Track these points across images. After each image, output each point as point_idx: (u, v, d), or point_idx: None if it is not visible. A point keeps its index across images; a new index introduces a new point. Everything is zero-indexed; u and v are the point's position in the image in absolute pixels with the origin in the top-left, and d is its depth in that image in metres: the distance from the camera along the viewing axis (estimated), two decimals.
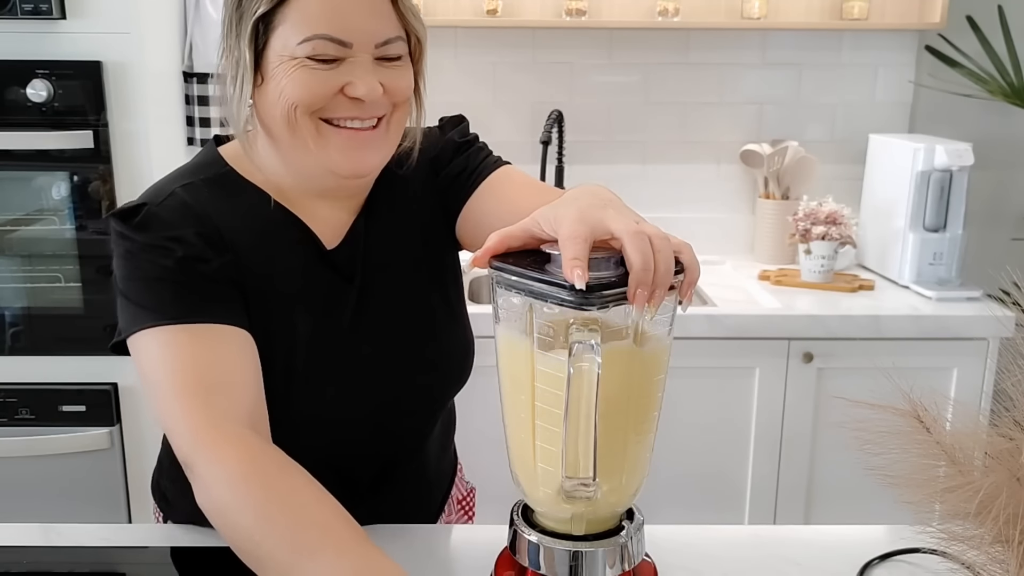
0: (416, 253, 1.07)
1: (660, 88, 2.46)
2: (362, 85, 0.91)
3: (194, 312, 0.90)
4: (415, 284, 1.06)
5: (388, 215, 1.05)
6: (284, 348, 0.97)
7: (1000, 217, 2.54)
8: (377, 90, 0.92)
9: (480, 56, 2.42)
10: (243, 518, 0.80)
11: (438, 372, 1.08)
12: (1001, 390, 0.77)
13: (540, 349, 0.75)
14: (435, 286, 1.09)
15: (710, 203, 2.51)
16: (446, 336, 1.08)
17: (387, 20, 0.93)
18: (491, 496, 1.44)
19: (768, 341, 2.00)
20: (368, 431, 1.04)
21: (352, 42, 0.91)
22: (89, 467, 1.91)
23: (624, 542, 0.79)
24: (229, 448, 0.83)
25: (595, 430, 0.72)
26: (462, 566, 0.95)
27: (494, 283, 0.77)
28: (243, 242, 0.96)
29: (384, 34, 0.92)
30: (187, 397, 0.86)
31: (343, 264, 1.01)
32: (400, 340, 1.04)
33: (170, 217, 0.93)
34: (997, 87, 2.34)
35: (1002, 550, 0.75)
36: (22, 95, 1.76)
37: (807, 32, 2.42)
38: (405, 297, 1.05)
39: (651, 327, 0.75)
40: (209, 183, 0.98)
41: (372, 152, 0.96)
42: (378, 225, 1.04)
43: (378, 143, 0.96)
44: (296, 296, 0.99)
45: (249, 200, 0.99)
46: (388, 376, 1.03)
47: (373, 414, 1.03)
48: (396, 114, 0.97)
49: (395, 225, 1.05)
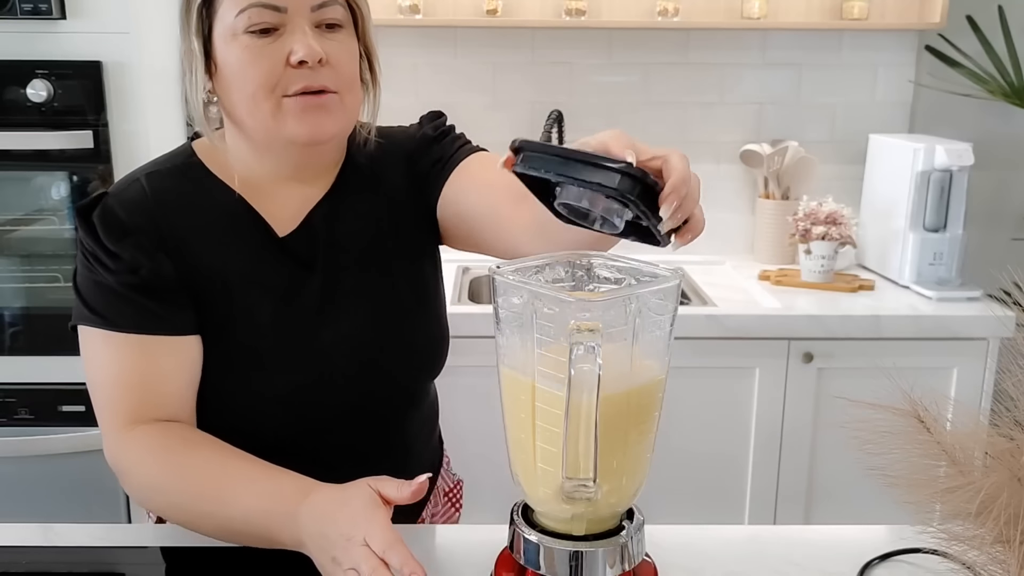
0: (386, 242, 1.07)
1: (660, 88, 2.46)
2: (302, 47, 0.92)
3: (131, 324, 0.96)
4: (382, 272, 1.07)
5: (356, 204, 1.06)
6: (246, 334, 1.00)
7: (1000, 217, 2.54)
8: (317, 52, 0.93)
9: (480, 56, 2.42)
10: (161, 494, 0.94)
11: (403, 360, 1.07)
12: (1001, 390, 0.77)
13: (541, 350, 0.75)
14: (405, 275, 1.09)
15: (710, 203, 2.47)
16: (412, 325, 1.08)
17: None
18: (480, 488, 1.45)
19: (768, 341, 2.00)
20: (338, 418, 1.05)
21: (286, 6, 0.93)
22: (89, 467, 1.90)
23: (624, 542, 0.79)
24: (141, 435, 0.94)
25: (595, 431, 0.72)
26: (462, 566, 0.95)
27: (494, 284, 0.77)
28: (195, 234, 0.99)
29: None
30: (115, 399, 0.96)
31: (300, 250, 1.03)
32: (363, 326, 1.04)
33: (124, 213, 0.97)
34: (997, 87, 2.34)
35: (1002, 550, 0.75)
36: (22, 95, 1.76)
37: (807, 32, 2.42)
38: (370, 284, 1.06)
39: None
40: (173, 172, 1.02)
41: (327, 117, 0.96)
42: (343, 213, 1.06)
43: (333, 109, 0.97)
44: (253, 283, 1.01)
45: (208, 191, 1.02)
46: (351, 362, 1.04)
47: (341, 400, 1.04)
48: (348, 95, 0.98)
49: (363, 214, 1.07)
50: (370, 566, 0.78)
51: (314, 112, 0.96)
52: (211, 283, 0.99)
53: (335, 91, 0.96)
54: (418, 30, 2.39)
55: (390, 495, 0.84)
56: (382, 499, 0.84)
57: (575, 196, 0.76)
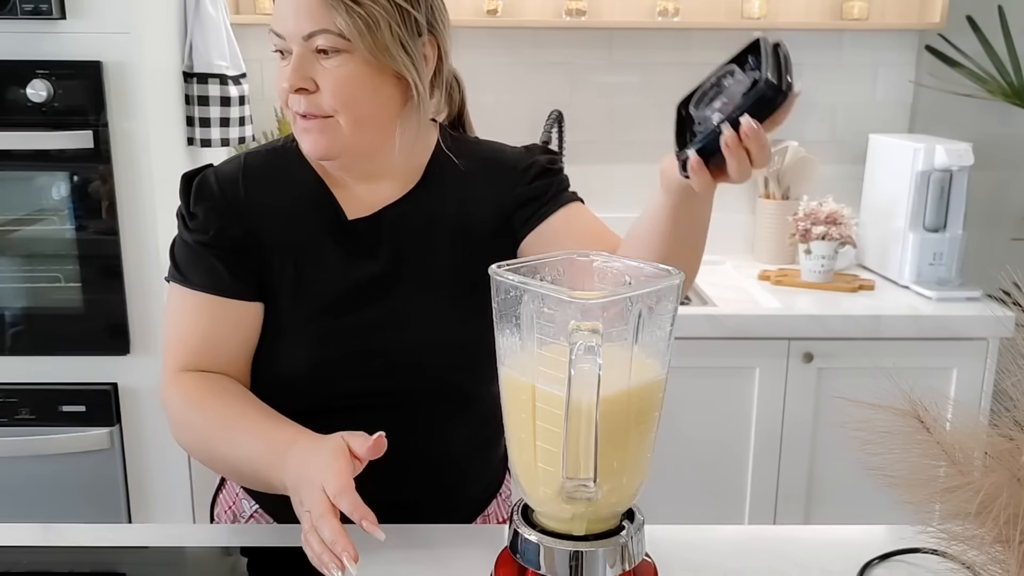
0: (453, 247, 1.10)
1: (660, 88, 2.46)
2: (287, 76, 0.99)
3: (200, 282, 1.05)
4: (439, 274, 1.10)
5: (430, 208, 1.11)
6: (292, 300, 1.07)
7: (1000, 217, 2.54)
8: (297, 82, 0.98)
9: (480, 56, 2.42)
10: (188, 431, 1.04)
11: (437, 357, 1.09)
12: (1001, 390, 0.77)
13: (541, 350, 0.75)
14: (462, 283, 1.10)
15: None
16: (452, 329, 1.09)
17: (311, 14, 0.97)
18: None
19: (768, 341, 2.00)
20: (369, 400, 1.07)
21: (284, 34, 0.99)
22: (89, 467, 1.91)
23: (624, 542, 0.79)
24: (186, 380, 1.04)
25: (596, 431, 0.72)
26: (462, 566, 0.95)
27: (495, 284, 0.77)
28: (273, 206, 1.08)
29: (306, 27, 0.97)
30: (178, 347, 1.06)
31: (363, 237, 1.08)
32: (403, 319, 1.08)
33: (215, 182, 1.07)
34: (997, 87, 2.34)
35: (1002, 550, 0.75)
36: (22, 95, 1.76)
37: (807, 32, 2.42)
38: (422, 282, 1.09)
39: None
40: (270, 152, 1.12)
41: (322, 138, 1.01)
42: (414, 215, 1.10)
43: (328, 131, 1.01)
44: (312, 256, 1.07)
45: (294, 170, 1.10)
46: (385, 348, 1.07)
47: (371, 384, 1.07)
48: (346, 115, 1.00)
49: (435, 220, 1.10)
50: (319, 510, 0.84)
51: (307, 133, 1.02)
52: (274, 250, 1.07)
53: (326, 115, 1.00)
54: None
55: (356, 449, 0.89)
56: (352, 452, 0.88)
57: None
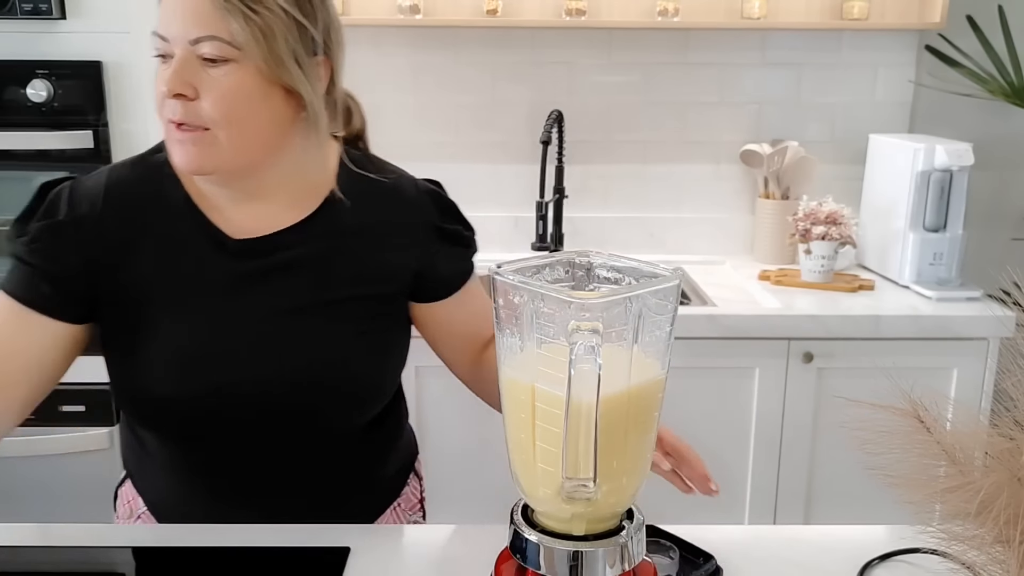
0: (347, 282, 1.06)
1: (660, 88, 2.46)
2: (166, 79, 0.93)
3: (12, 291, 1.00)
4: (323, 310, 1.05)
5: (331, 236, 1.06)
6: (156, 332, 1.02)
7: (1000, 217, 2.54)
8: (176, 87, 0.92)
9: (480, 56, 2.42)
10: None
11: (309, 391, 1.05)
12: (1001, 390, 0.77)
13: (541, 350, 0.75)
14: (351, 318, 1.07)
15: (710, 203, 2.51)
16: (329, 369, 1.06)
17: (200, 18, 0.92)
18: (487, 487, 1.45)
19: (768, 341, 2.00)
20: (242, 430, 1.05)
21: (167, 37, 0.94)
22: (89, 467, 1.91)
23: (624, 542, 0.79)
24: None
25: (595, 431, 0.72)
26: (462, 566, 0.95)
27: (494, 284, 0.77)
28: (134, 228, 1.02)
29: (193, 31, 0.92)
30: None
31: (245, 260, 1.03)
32: (280, 345, 1.04)
33: (69, 198, 1.02)
34: (997, 87, 2.34)
35: (1002, 550, 0.75)
36: (22, 95, 1.76)
37: (807, 32, 2.42)
38: (305, 310, 1.05)
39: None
40: (137, 166, 1.06)
41: (195, 151, 0.95)
42: (314, 239, 1.05)
43: (202, 144, 0.95)
44: (187, 282, 1.03)
45: (163, 187, 1.04)
46: (252, 380, 1.03)
47: (242, 414, 1.04)
48: (224, 130, 0.95)
49: (336, 248, 1.06)
50: None
51: (180, 144, 0.96)
52: (131, 273, 1.02)
53: (203, 126, 0.94)
54: (418, 30, 2.39)
55: None
56: None
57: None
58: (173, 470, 1.11)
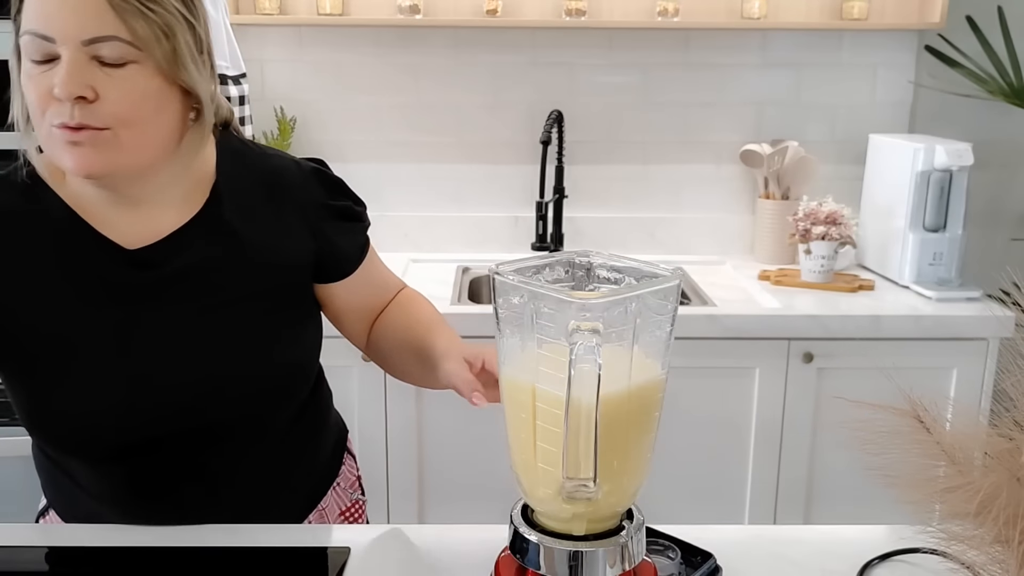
0: (249, 274, 1.05)
1: (660, 88, 2.46)
2: (58, 83, 0.88)
3: None
4: (229, 296, 1.04)
5: (224, 229, 1.04)
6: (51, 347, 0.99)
7: (1000, 217, 2.54)
8: (74, 91, 0.88)
9: (480, 56, 2.42)
10: None
11: (235, 388, 1.04)
12: (1001, 390, 0.77)
13: (541, 350, 0.75)
14: (259, 311, 1.06)
15: (710, 203, 2.51)
16: (241, 364, 1.04)
17: (97, 18, 0.88)
18: (489, 486, 1.45)
19: (768, 341, 2.00)
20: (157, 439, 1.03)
21: (54, 37, 0.88)
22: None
23: (624, 542, 0.79)
24: None
25: (595, 431, 0.72)
26: (462, 566, 0.95)
27: (494, 284, 0.77)
28: (20, 252, 0.98)
29: (90, 31, 0.88)
30: None
31: (144, 267, 1.00)
32: (196, 349, 1.02)
33: None
34: (997, 87, 2.34)
35: (1002, 550, 0.75)
36: None
37: (807, 32, 2.42)
38: (216, 313, 1.03)
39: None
40: (9, 190, 1.00)
41: (93, 153, 0.91)
42: (209, 234, 1.03)
43: (102, 145, 0.91)
44: (86, 301, 0.99)
45: (41, 204, 1.00)
46: (187, 379, 1.01)
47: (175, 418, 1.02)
48: (125, 130, 0.92)
49: (232, 241, 1.04)
50: None
51: (76, 147, 0.91)
52: (32, 303, 0.98)
53: (102, 127, 0.90)
54: (418, 30, 2.39)
55: None
56: None
57: None
58: (102, 497, 1.08)
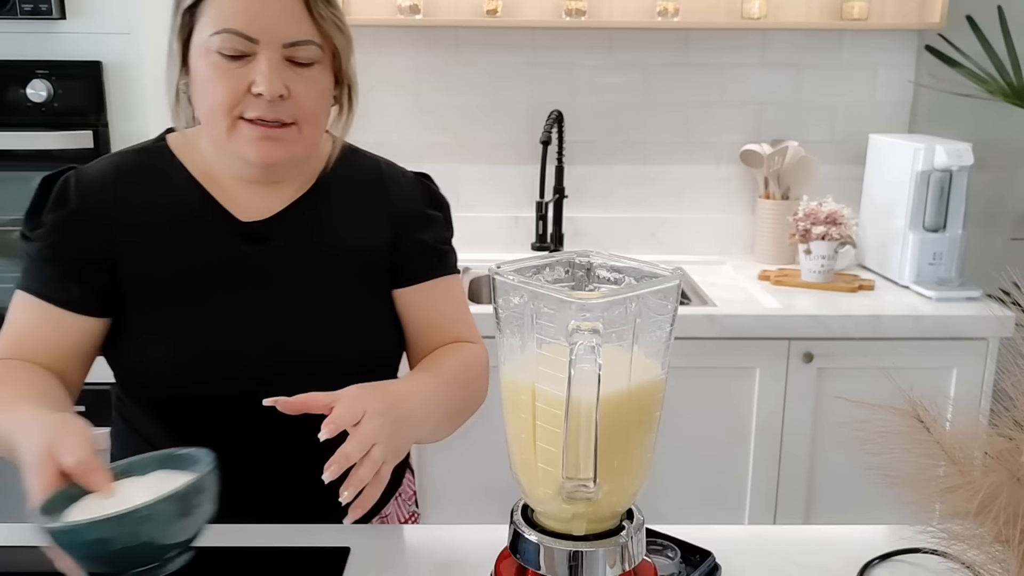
0: (339, 261, 1.11)
1: (660, 88, 2.46)
2: (263, 82, 0.97)
3: (34, 286, 1.04)
4: (330, 280, 1.10)
5: (323, 214, 1.11)
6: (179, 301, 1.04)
7: (1000, 217, 2.54)
8: (278, 89, 0.97)
9: (480, 56, 2.42)
10: None
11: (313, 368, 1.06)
12: (1001, 390, 0.77)
13: (541, 350, 0.75)
14: (346, 297, 1.11)
15: (710, 203, 2.51)
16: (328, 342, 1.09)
17: (298, 22, 0.98)
18: (490, 486, 1.45)
19: (768, 341, 2.00)
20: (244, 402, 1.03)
21: (258, 38, 0.97)
22: None
23: (624, 542, 0.79)
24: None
25: (596, 431, 0.72)
26: (462, 566, 0.95)
27: (494, 284, 0.77)
28: (148, 211, 1.05)
29: (292, 35, 0.98)
30: (5, 343, 1.04)
31: (257, 239, 1.07)
32: (294, 325, 1.07)
33: (76, 187, 1.05)
34: (997, 87, 2.34)
35: (1002, 550, 0.75)
36: (22, 95, 1.76)
37: (807, 32, 2.42)
38: (312, 288, 1.08)
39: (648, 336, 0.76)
40: (139, 153, 1.10)
41: (280, 146, 1.01)
42: (311, 217, 1.10)
43: (288, 139, 1.01)
44: (198, 260, 1.05)
45: (168, 173, 1.08)
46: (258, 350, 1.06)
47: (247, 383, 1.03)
48: (307, 126, 1.02)
49: (327, 226, 1.11)
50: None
51: (267, 141, 1.00)
52: (146, 254, 1.04)
53: (292, 123, 1.01)
54: (418, 30, 2.39)
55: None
56: None
57: None
58: None
